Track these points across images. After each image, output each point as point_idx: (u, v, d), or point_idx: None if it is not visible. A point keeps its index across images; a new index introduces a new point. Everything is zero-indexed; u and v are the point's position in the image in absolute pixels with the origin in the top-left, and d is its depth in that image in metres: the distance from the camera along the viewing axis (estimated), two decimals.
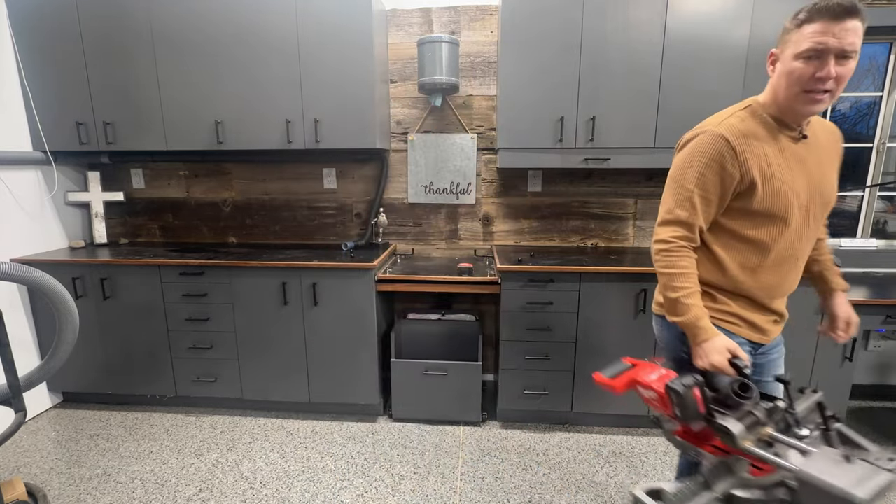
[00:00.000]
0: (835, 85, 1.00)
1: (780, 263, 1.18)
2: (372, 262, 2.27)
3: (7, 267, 1.54)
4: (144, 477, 2.03)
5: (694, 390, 0.93)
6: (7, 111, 2.40)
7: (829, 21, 0.95)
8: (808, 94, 1.02)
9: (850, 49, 0.96)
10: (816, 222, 1.21)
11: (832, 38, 0.95)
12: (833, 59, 0.97)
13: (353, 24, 2.25)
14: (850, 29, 0.95)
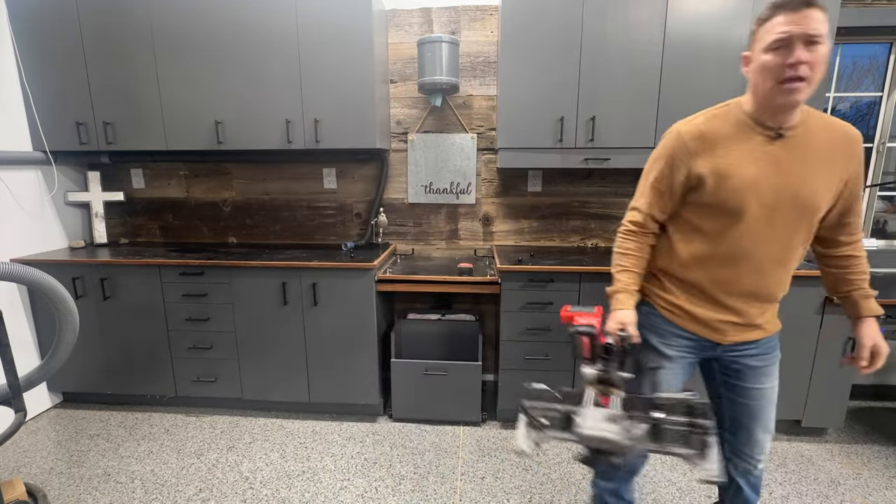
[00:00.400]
0: (809, 71, 1.00)
1: (734, 260, 1.18)
2: (372, 262, 2.27)
3: (7, 267, 1.54)
4: (144, 477, 2.03)
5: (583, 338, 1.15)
6: (7, 111, 2.40)
7: (789, 12, 1.00)
8: (783, 85, 1.03)
9: (814, 34, 0.99)
10: (788, 225, 1.15)
11: (795, 26, 0.99)
12: (801, 46, 0.99)
13: (353, 24, 2.25)
14: (812, 16, 0.99)
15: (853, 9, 2.38)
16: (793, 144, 1.12)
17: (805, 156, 1.12)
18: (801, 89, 1.02)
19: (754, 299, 1.21)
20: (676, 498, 1.91)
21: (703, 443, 0.99)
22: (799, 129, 1.12)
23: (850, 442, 2.29)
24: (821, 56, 1.01)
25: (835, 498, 1.91)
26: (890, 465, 2.12)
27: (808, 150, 1.12)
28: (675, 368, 1.31)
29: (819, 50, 1.00)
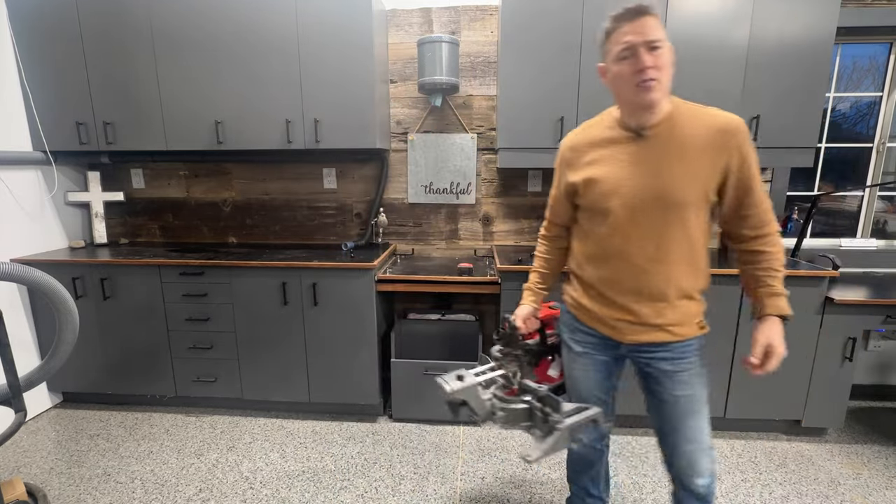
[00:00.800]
0: (657, 73, 1.07)
1: (610, 258, 1.23)
2: (372, 262, 2.27)
3: (7, 267, 1.54)
4: (144, 477, 2.03)
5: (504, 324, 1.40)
6: (7, 111, 2.40)
7: (627, 22, 1.08)
8: (638, 87, 1.09)
9: (654, 38, 1.06)
10: (655, 222, 1.15)
11: (635, 36, 1.06)
12: (645, 52, 1.06)
13: (353, 24, 2.25)
14: (648, 23, 1.06)
15: (853, 9, 2.38)
16: (653, 143, 1.15)
17: (666, 152, 1.14)
18: (654, 87, 1.07)
19: (643, 298, 1.21)
20: None
21: (549, 430, 1.16)
22: (661, 126, 1.15)
23: (850, 442, 2.29)
24: (664, 58, 1.08)
25: (835, 498, 1.91)
26: (890, 465, 2.12)
27: (670, 146, 1.14)
28: (587, 364, 1.36)
29: (661, 53, 1.07)
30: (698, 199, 1.14)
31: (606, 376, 1.36)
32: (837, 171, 2.73)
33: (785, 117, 2.18)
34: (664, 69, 1.08)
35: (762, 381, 2.21)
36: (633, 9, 1.08)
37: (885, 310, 2.07)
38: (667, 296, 1.19)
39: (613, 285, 1.24)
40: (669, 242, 1.16)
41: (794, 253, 2.50)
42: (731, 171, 1.13)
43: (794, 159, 2.23)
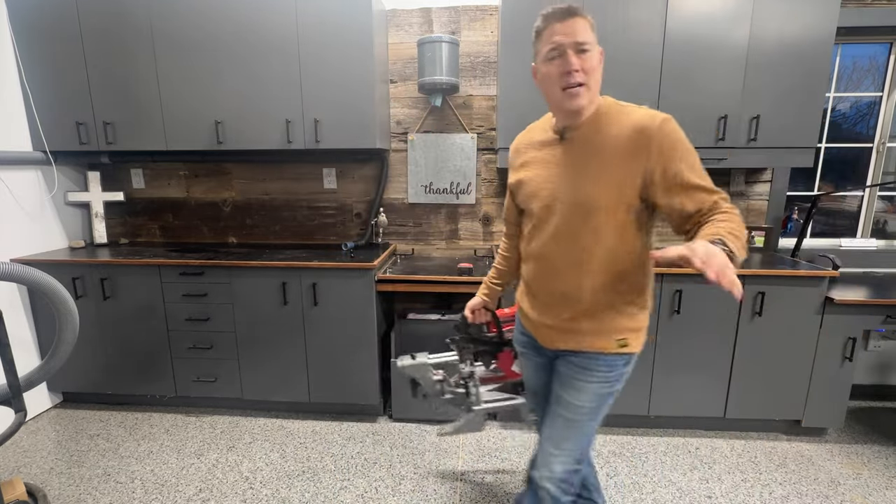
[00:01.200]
0: (584, 76, 1.05)
1: (535, 259, 1.24)
2: (372, 262, 2.27)
3: (7, 267, 1.54)
4: (144, 477, 2.03)
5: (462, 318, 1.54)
6: (7, 111, 2.40)
7: (556, 23, 1.06)
8: (565, 92, 1.07)
9: (582, 41, 1.04)
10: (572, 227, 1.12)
11: (563, 37, 1.05)
12: (572, 54, 1.04)
13: (353, 24, 2.25)
14: (577, 25, 1.05)
15: (853, 9, 2.38)
16: (575, 145, 1.13)
17: (584, 155, 1.11)
18: (581, 94, 1.06)
19: (559, 301, 1.19)
20: (676, 498, 1.91)
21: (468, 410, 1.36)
22: (582, 129, 1.12)
23: (850, 442, 2.29)
24: (592, 62, 1.06)
25: (835, 498, 1.91)
26: (890, 465, 2.12)
27: (587, 150, 1.11)
28: (526, 364, 1.39)
29: (589, 56, 1.05)
30: (613, 204, 1.08)
31: (545, 378, 1.34)
32: (837, 171, 2.73)
33: (785, 117, 2.18)
34: (592, 73, 1.06)
35: (762, 381, 2.21)
36: (563, 9, 1.07)
37: (885, 310, 2.07)
38: (581, 302, 1.15)
39: (538, 287, 1.24)
40: (585, 248, 1.12)
41: (794, 253, 2.50)
42: (652, 172, 1.04)
43: (794, 159, 2.23)
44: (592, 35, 1.06)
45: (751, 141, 2.21)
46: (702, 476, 2.04)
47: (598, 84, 1.09)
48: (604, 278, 1.13)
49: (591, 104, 1.10)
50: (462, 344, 1.47)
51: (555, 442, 1.22)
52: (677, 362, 2.23)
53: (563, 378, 1.22)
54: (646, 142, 1.04)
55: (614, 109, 1.11)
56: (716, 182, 1.07)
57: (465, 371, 1.42)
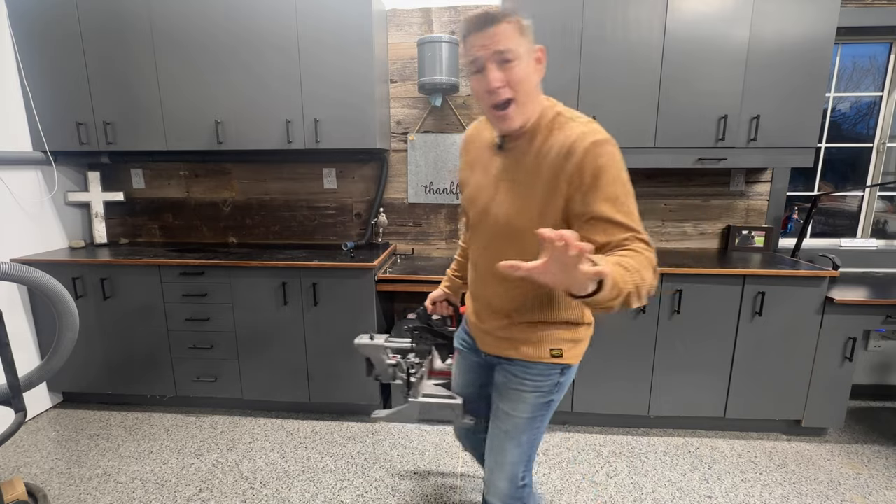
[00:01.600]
0: (510, 91, 0.95)
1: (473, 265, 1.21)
2: (372, 262, 2.27)
3: (7, 267, 1.54)
4: (144, 477, 2.03)
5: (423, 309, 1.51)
6: (7, 111, 2.40)
7: (476, 33, 0.95)
8: (492, 111, 0.98)
9: (504, 50, 0.93)
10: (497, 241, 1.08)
11: (481, 49, 0.94)
12: (493, 67, 0.94)
13: (353, 24, 2.25)
14: (499, 33, 0.93)
15: (853, 9, 2.38)
16: (506, 160, 1.07)
17: (513, 172, 1.04)
18: (509, 114, 0.97)
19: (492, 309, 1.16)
20: (676, 498, 1.91)
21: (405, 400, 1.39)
22: (519, 142, 1.04)
23: (850, 442, 2.29)
24: (518, 73, 0.94)
25: (835, 498, 1.91)
26: (890, 465, 2.12)
27: (518, 167, 1.03)
28: (460, 362, 1.37)
29: (514, 67, 0.94)
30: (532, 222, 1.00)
31: (478, 380, 1.32)
32: (837, 171, 2.73)
33: (785, 117, 2.18)
34: (521, 84, 0.95)
35: (762, 381, 2.21)
36: (480, 16, 0.94)
37: (885, 310, 2.07)
38: (511, 314, 1.12)
39: (475, 291, 1.22)
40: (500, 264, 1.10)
41: (795, 253, 2.50)
42: (571, 199, 0.95)
43: (794, 159, 2.23)
44: (520, 40, 0.95)
45: (751, 141, 2.21)
46: (702, 476, 2.04)
47: (534, 92, 0.99)
48: (534, 292, 1.08)
49: (529, 116, 1.00)
50: (421, 334, 1.47)
51: (495, 458, 1.20)
52: (677, 362, 2.23)
53: (500, 388, 1.19)
54: (569, 165, 0.94)
55: (556, 122, 1.00)
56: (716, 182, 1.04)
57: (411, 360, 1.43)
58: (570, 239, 0.66)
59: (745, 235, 2.61)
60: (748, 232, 2.61)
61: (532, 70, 0.98)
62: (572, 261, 0.68)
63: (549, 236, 0.67)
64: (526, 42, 0.96)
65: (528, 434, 1.17)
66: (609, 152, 0.93)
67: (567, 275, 0.70)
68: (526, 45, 0.96)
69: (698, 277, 2.13)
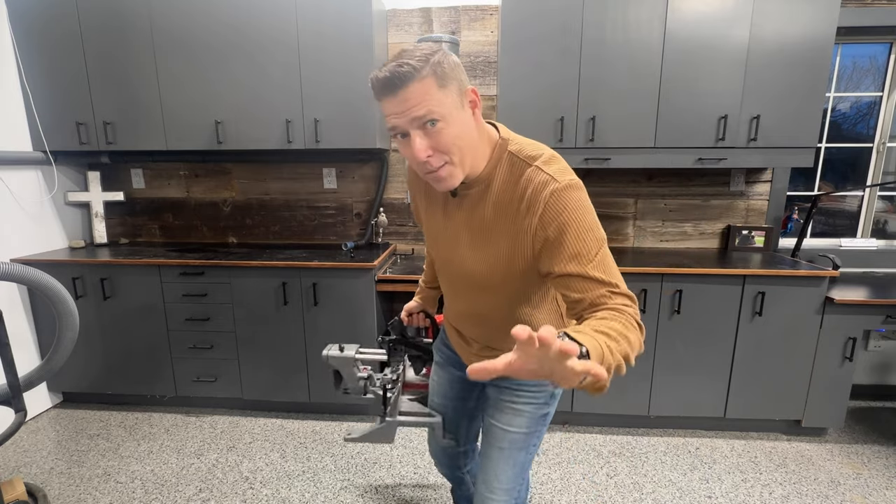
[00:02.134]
0: (442, 156, 0.82)
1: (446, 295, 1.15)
2: (372, 262, 2.27)
3: (7, 267, 1.54)
4: (144, 477, 2.03)
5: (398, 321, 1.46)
6: (7, 111, 2.40)
7: (385, 98, 0.79)
8: (427, 176, 0.86)
9: (422, 114, 0.77)
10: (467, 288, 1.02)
11: (397, 117, 0.79)
12: (417, 134, 0.79)
13: (353, 24, 2.25)
14: (410, 98, 0.77)
15: (853, 9, 2.38)
16: (461, 209, 0.96)
17: (471, 224, 0.94)
18: (445, 178, 0.84)
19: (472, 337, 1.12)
20: (676, 498, 1.91)
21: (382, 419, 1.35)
22: (473, 189, 0.92)
23: (850, 442, 2.29)
24: (447, 136, 0.80)
25: (835, 498, 1.91)
26: (890, 465, 2.12)
27: (475, 218, 0.93)
28: (441, 375, 1.29)
29: (441, 130, 0.79)
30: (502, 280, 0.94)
31: (459, 394, 1.27)
32: (837, 171, 2.73)
33: (785, 117, 2.18)
34: (452, 146, 0.81)
35: (762, 381, 2.21)
36: (385, 80, 0.77)
37: (885, 310, 2.07)
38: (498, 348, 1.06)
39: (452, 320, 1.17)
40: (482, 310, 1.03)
41: (795, 253, 2.50)
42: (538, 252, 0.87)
43: (794, 159, 2.23)
44: (442, 94, 0.78)
45: (751, 141, 2.21)
46: (702, 476, 2.04)
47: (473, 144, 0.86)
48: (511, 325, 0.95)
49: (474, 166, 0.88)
50: (395, 346, 1.41)
51: (488, 481, 1.11)
52: (677, 362, 2.23)
53: (493, 403, 1.12)
54: (531, 221, 0.85)
55: (511, 166, 0.89)
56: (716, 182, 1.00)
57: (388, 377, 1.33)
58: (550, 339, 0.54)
59: (745, 235, 2.61)
60: (748, 232, 2.61)
61: (466, 122, 0.83)
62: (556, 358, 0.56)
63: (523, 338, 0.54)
64: (451, 92, 0.79)
65: (524, 451, 1.10)
66: (573, 200, 0.82)
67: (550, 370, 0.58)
68: (451, 98, 0.79)
69: (698, 277, 2.13)
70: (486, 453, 1.13)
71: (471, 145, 0.85)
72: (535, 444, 1.11)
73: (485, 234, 0.93)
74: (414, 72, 0.76)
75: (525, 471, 1.13)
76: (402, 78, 0.76)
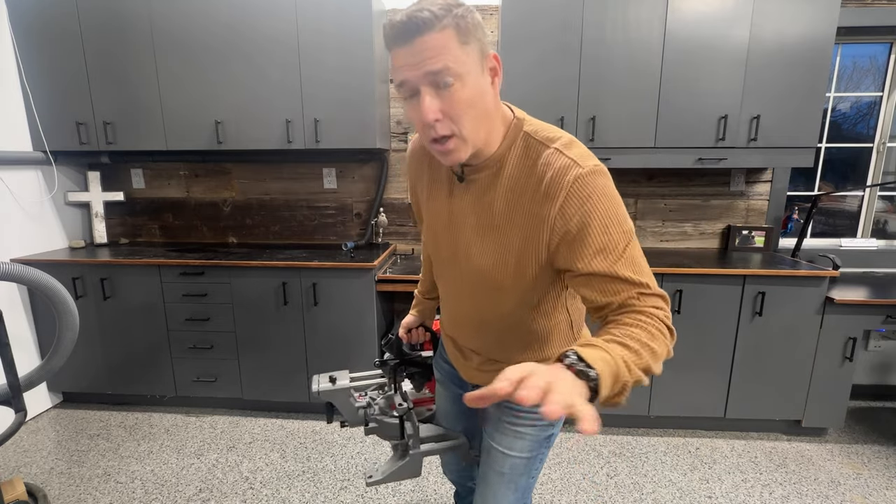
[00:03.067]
0: (450, 124, 0.72)
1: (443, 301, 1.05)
2: (372, 262, 2.27)
3: (7, 267, 1.54)
4: (144, 477, 2.03)
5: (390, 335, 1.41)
6: (7, 111, 2.40)
7: (401, 46, 0.70)
8: (433, 145, 0.76)
9: (438, 69, 0.68)
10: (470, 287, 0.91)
11: (411, 69, 0.70)
12: (427, 93, 0.70)
13: (353, 24, 2.25)
14: (428, 48, 0.68)
15: (853, 9, 2.38)
16: (468, 195, 0.86)
17: (479, 213, 0.85)
18: (451, 149, 0.75)
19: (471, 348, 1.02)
20: (676, 498, 1.91)
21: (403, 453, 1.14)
22: (483, 172, 0.83)
23: (850, 442, 2.29)
24: (462, 98, 0.71)
25: (835, 498, 1.91)
26: (890, 465, 2.12)
27: (484, 206, 0.84)
28: (442, 393, 1.21)
29: (456, 92, 0.70)
30: (513, 279, 0.84)
31: (463, 411, 1.18)
32: (837, 171, 2.73)
33: (785, 117, 2.18)
34: (464, 114, 0.72)
35: (762, 381, 2.21)
36: (403, 23, 0.68)
37: (885, 310, 2.07)
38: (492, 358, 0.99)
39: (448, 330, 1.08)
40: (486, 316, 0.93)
41: (795, 253, 2.50)
42: (557, 246, 0.78)
43: (795, 159, 2.23)
44: (462, 50, 0.69)
45: (751, 141, 2.21)
46: (702, 476, 2.04)
47: (489, 114, 0.77)
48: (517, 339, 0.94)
49: (485, 142, 0.79)
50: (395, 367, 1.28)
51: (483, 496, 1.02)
52: (677, 362, 2.23)
53: (493, 423, 1.01)
54: (549, 211, 0.76)
55: (527, 148, 0.80)
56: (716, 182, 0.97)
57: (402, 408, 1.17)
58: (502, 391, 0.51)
59: (746, 235, 2.61)
60: (748, 232, 2.61)
61: (483, 88, 0.73)
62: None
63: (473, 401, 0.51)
64: (472, 51, 0.71)
65: (526, 476, 1.01)
66: (597, 188, 0.75)
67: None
68: (473, 56, 0.71)
69: (698, 277, 2.13)
70: (484, 477, 1.03)
71: (485, 116, 0.75)
72: (537, 467, 1.03)
73: (494, 224, 0.83)
74: (434, 19, 0.67)
75: (527, 495, 1.05)
76: (420, 24, 0.67)
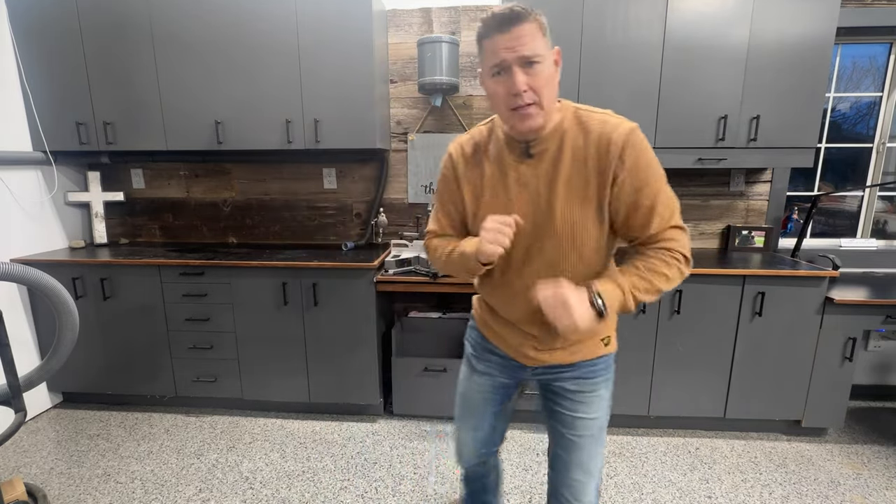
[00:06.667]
0: (534, 95, 0.93)
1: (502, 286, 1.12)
2: (372, 262, 2.27)
3: (7, 267, 1.54)
4: (144, 477, 2.03)
5: None
6: (7, 111, 2.40)
7: (498, 34, 0.91)
8: (514, 112, 0.96)
9: (529, 54, 0.90)
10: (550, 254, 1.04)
11: (506, 52, 0.91)
12: (518, 71, 0.91)
13: (353, 24, 2.25)
14: (523, 35, 0.90)
15: (853, 9, 2.38)
16: (540, 164, 1.02)
17: (554, 175, 1.01)
18: (533, 114, 0.95)
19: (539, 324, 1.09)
20: (676, 498, 1.91)
21: None
22: (547, 144, 1.01)
23: (850, 442, 2.29)
24: (543, 76, 0.92)
25: (835, 498, 1.91)
26: (890, 465, 2.12)
27: (557, 167, 1.01)
28: (484, 385, 1.26)
29: (539, 69, 0.92)
30: (589, 221, 1.01)
31: (502, 399, 1.28)
32: (837, 171, 2.73)
33: (785, 117, 2.18)
34: (544, 88, 0.93)
35: (762, 381, 2.21)
36: (504, 15, 0.90)
37: (885, 310, 2.07)
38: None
39: (506, 310, 1.15)
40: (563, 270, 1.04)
41: (795, 253, 2.50)
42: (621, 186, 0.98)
43: (794, 159, 2.23)
44: (543, 41, 0.92)
45: (751, 141, 2.21)
46: (702, 476, 2.04)
47: (554, 95, 0.98)
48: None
49: (549, 118, 0.99)
50: None
51: (583, 466, 1.15)
52: (677, 362, 2.23)
53: (570, 398, 1.15)
54: (611, 158, 0.96)
55: (578, 117, 1.01)
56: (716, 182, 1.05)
57: None
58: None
59: (745, 235, 2.61)
60: (748, 232, 2.61)
61: (554, 73, 0.96)
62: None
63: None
64: (547, 44, 0.93)
65: (604, 431, 1.19)
66: (640, 140, 0.98)
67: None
68: (547, 48, 0.93)
69: (698, 277, 2.13)
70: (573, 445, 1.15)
71: (554, 94, 0.98)
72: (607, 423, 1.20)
73: (573, 179, 1.00)
74: (528, 14, 0.90)
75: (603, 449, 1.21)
76: (518, 16, 0.89)
